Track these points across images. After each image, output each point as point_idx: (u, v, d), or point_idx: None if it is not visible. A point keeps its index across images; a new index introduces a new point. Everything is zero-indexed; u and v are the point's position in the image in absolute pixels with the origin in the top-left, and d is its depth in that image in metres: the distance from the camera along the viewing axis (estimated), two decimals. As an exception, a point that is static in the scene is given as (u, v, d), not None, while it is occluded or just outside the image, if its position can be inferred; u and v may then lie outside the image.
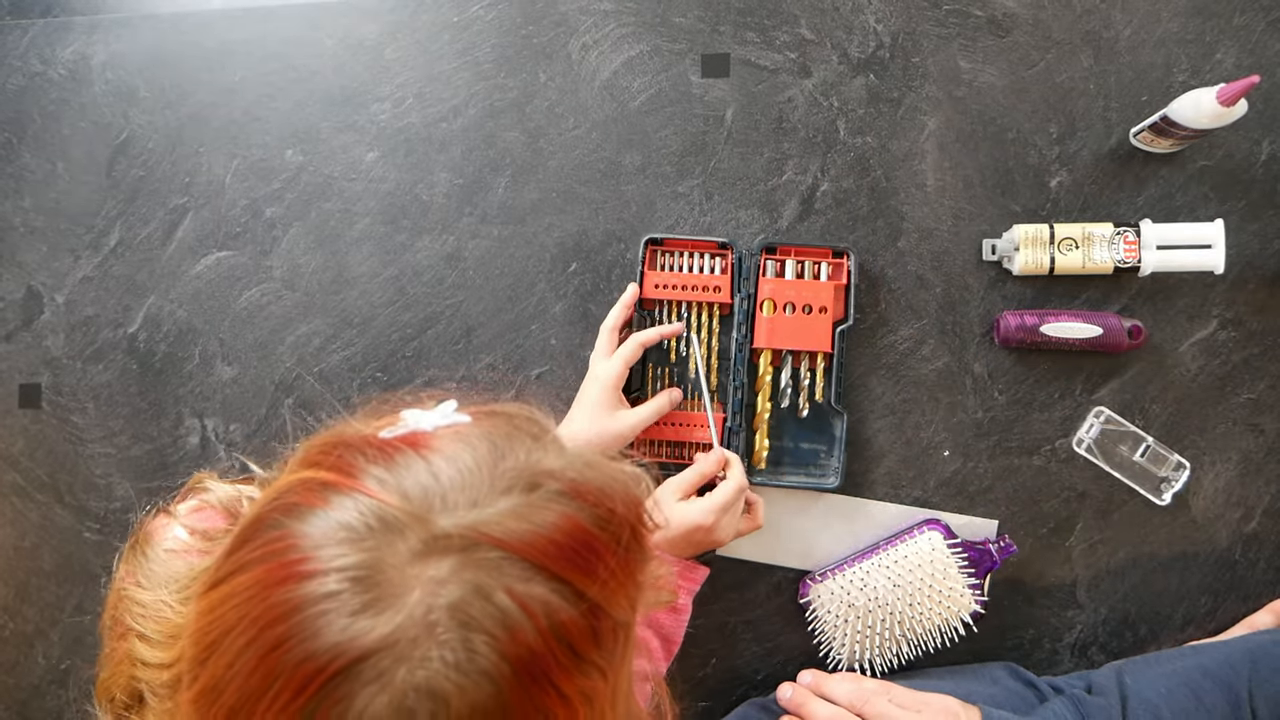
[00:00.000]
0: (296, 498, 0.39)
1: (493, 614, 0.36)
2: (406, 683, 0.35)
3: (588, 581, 0.39)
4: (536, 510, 0.39)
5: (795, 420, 0.82)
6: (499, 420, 0.44)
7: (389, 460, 0.40)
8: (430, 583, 0.36)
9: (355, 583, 0.36)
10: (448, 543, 0.37)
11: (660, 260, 0.83)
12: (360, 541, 0.37)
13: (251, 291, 0.89)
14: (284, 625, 0.35)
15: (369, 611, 0.35)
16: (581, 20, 0.86)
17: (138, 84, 0.91)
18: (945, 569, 0.77)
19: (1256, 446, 0.80)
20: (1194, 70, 0.81)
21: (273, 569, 0.37)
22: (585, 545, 0.40)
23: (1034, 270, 0.79)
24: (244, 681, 0.36)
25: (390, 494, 0.38)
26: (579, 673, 0.38)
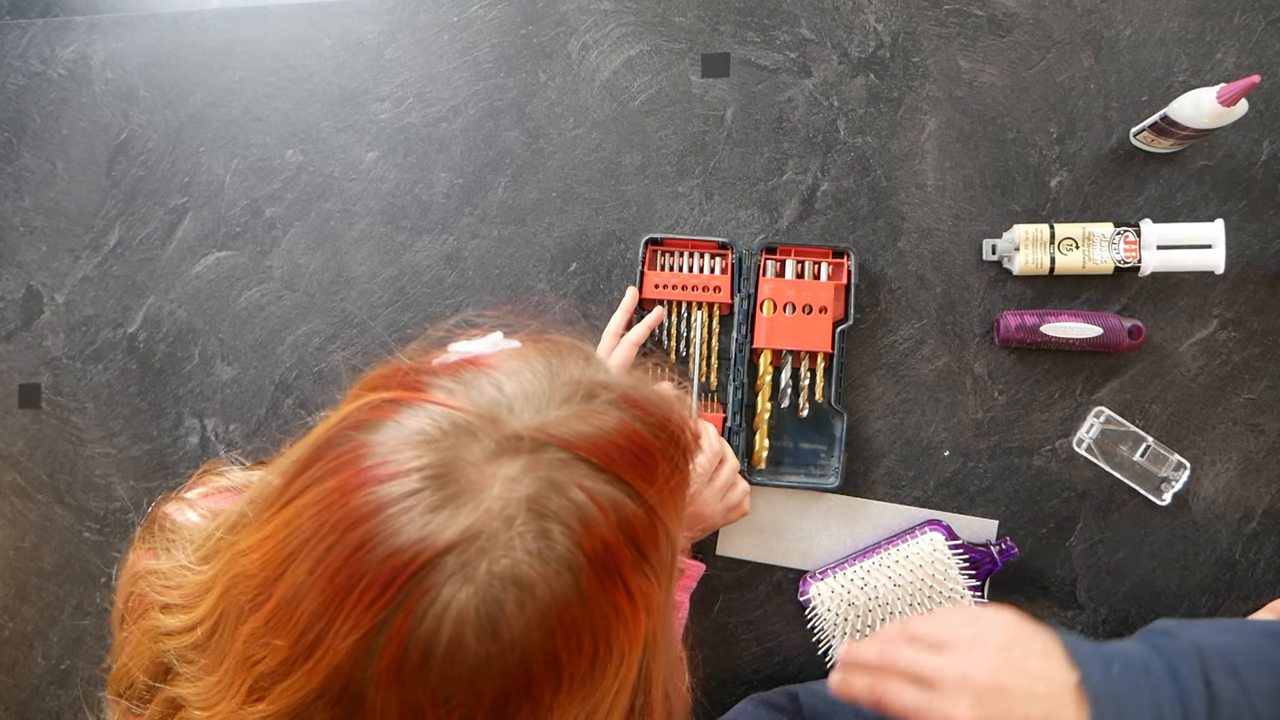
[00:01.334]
0: (365, 415, 0.40)
1: (567, 507, 0.38)
2: (491, 572, 0.36)
3: (646, 485, 0.41)
4: (597, 416, 0.41)
5: (795, 420, 0.82)
6: (548, 343, 0.46)
7: (454, 376, 0.42)
8: (506, 479, 0.37)
9: (433, 480, 0.37)
10: (519, 443, 0.39)
11: (660, 260, 0.83)
12: (435, 444, 0.38)
13: (251, 291, 0.89)
14: (366, 525, 0.36)
15: (449, 507, 0.36)
16: (581, 20, 0.86)
17: (137, 84, 0.91)
18: (946, 570, 0.77)
19: (1257, 446, 0.79)
20: (1194, 70, 0.80)
21: (349, 476, 0.38)
22: (643, 450, 0.41)
23: (1034, 270, 0.79)
24: (327, 585, 0.36)
25: (460, 400, 0.40)
26: (642, 573, 0.40)
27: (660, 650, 0.43)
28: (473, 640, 0.36)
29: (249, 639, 0.39)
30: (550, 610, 0.36)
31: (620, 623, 0.39)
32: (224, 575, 0.42)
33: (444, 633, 0.35)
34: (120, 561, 0.56)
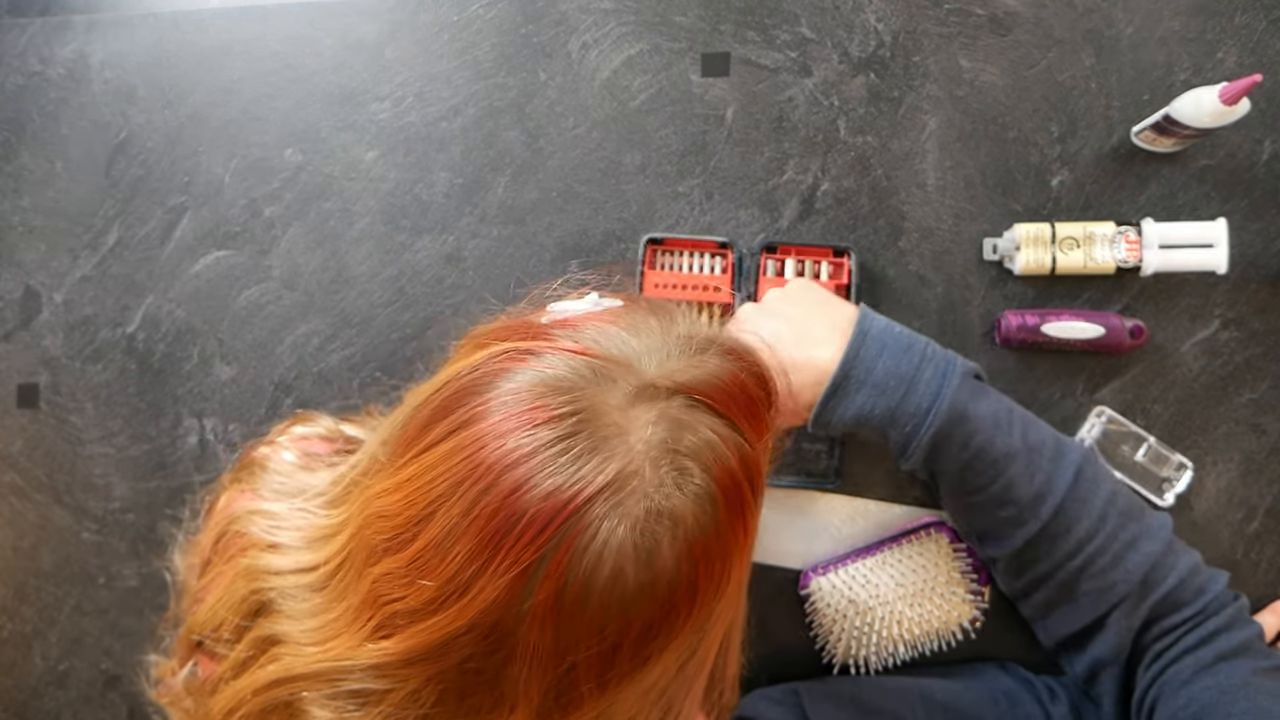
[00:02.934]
0: (499, 365, 0.42)
1: (700, 445, 0.41)
2: (642, 507, 0.38)
3: (754, 432, 0.44)
4: (712, 365, 0.44)
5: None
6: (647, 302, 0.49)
7: (576, 329, 0.44)
8: (645, 423, 0.40)
9: (582, 424, 0.39)
10: (654, 391, 0.41)
11: (660, 260, 0.83)
12: (579, 390, 0.40)
13: (250, 291, 0.89)
14: (523, 467, 0.38)
15: (601, 451, 0.39)
16: (581, 19, 0.86)
17: (136, 83, 0.91)
18: (949, 573, 0.76)
19: (1259, 447, 0.79)
20: (1196, 69, 0.80)
21: (498, 420, 0.40)
22: (750, 398, 0.45)
23: (1035, 270, 0.78)
24: (484, 525, 0.38)
25: (596, 350, 0.42)
26: (754, 510, 0.44)
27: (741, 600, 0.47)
28: (631, 571, 0.38)
29: (382, 579, 0.41)
30: (696, 540, 0.40)
31: (739, 552, 0.43)
32: (356, 516, 0.44)
33: (604, 566, 0.38)
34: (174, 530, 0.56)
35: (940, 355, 0.67)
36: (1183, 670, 0.63)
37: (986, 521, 0.69)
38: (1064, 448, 0.67)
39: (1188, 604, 0.65)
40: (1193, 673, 0.63)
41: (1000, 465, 0.65)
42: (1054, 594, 0.68)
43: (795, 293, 0.72)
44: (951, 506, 0.72)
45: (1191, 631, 0.65)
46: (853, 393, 0.66)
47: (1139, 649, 0.66)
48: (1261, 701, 0.60)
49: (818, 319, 0.68)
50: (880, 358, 0.65)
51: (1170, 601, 0.65)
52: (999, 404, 0.67)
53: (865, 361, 0.65)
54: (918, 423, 0.65)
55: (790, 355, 0.66)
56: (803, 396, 0.67)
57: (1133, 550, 0.65)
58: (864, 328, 0.66)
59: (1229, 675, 0.62)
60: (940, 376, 0.65)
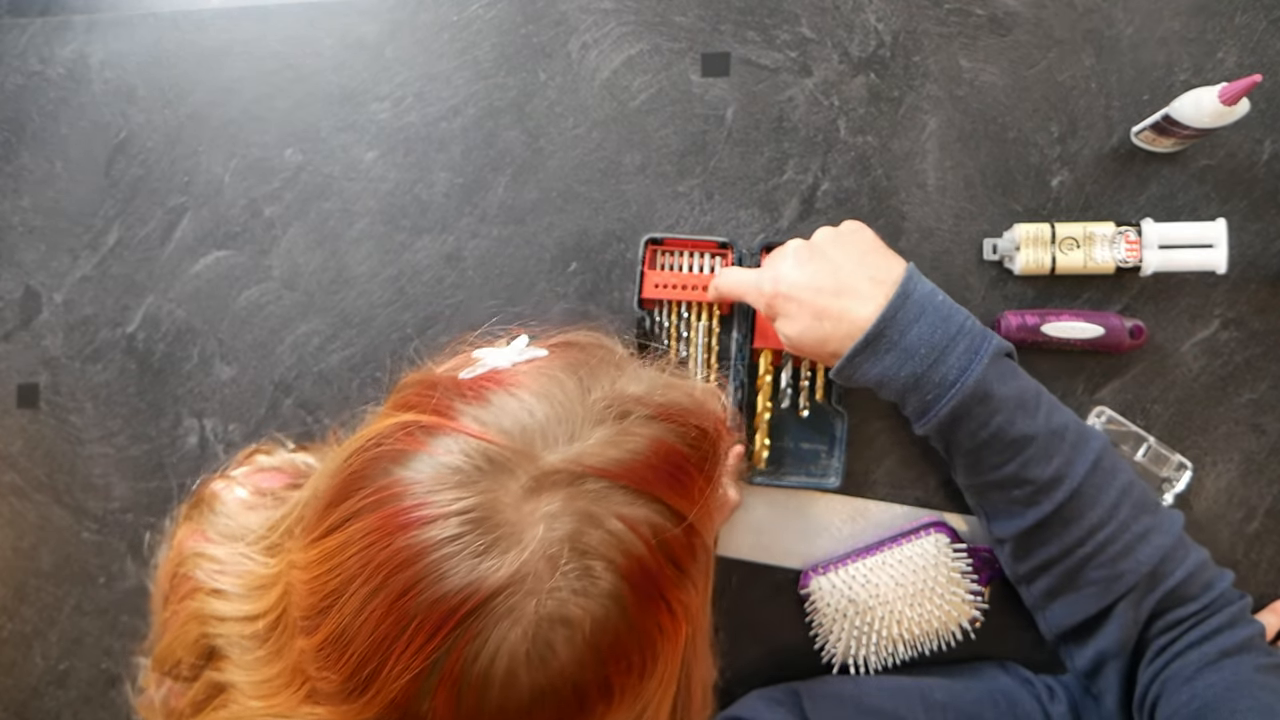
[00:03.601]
0: (399, 444, 0.40)
1: (607, 539, 0.38)
2: (538, 614, 0.37)
3: (684, 501, 0.41)
4: (631, 437, 0.41)
5: (795, 420, 0.82)
6: (576, 351, 0.46)
7: (482, 399, 0.42)
8: (546, 517, 0.38)
9: (475, 524, 0.37)
10: (556, 478, 0.39)
11: (660, 260, 0.83)
12: (473, 484, 0.38)
13: (251, 291, 0.89)
14: (410, 570, 0.37)
15: (494, 551, 0.37)
16: (581, 19, 0.86)
17: (136, 83, 0.91)
18: (949, 573, 0.76)
19: (1259, 447, 0.79)
20: (1196, 69, 0.80)
21: (389, 515, 0.38)
22: (678, 467, 0.42)
23: (1035, 270, 0.78)
24: (375, 627, 0.37)
25: (492, 432, 0.40)
26: (681, 586, 0.41)
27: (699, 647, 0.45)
28: (525, 677, 0.37)
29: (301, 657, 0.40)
30: (599, 641, 0.38)
31: (664, 637, 0.40)
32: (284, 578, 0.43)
33: (496, 672, 0.36)
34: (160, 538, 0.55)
35: (977, 331, 0.66)
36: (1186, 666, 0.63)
37: (998, 500, 0.69)
38: (1086, 434, 0.67)
39: (1194, 599, 0.65)
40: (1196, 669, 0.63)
41: (1019, 446, 0.65)
42: (1059, 581, 0.68)
43: (847, 235, 0.69)
44: (964, 480, 0.71)
45: (1195, 627, 0.65)
46: (881, 353, 0.65)
47: (1142, 643, 0.66)
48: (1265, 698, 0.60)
49: (863, 270, 0.66)
50: (916, 323, 0.64)
51: (1177, 595, 0.65)
52: (1026, 386, 0.67)
53: (900, 324, 0.64)
54: (939, 394, 0.64)
55: (826, 304, 0.65)
56: (829, 345, 0.66)
57: (1144, 542, 0.65)
58: (907, 289, 0.64)
59: (1233, 671, 0.62)
60: (972, 352, 0.64)
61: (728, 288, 0.74)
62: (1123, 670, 0.67)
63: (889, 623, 0.77)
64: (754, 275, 0.72)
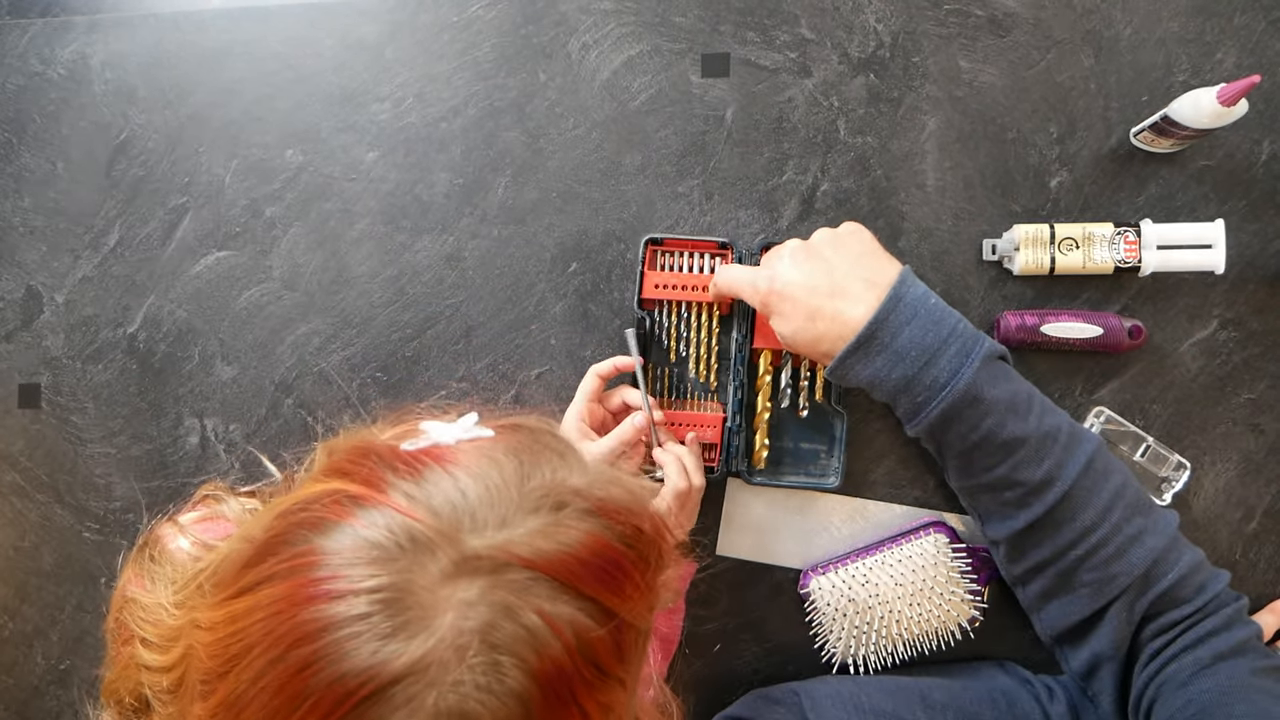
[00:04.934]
0: (323, 511, 0.39)
1: (522, 636, 0.36)
2: (437, 706, 0.35)
3: (615, 599, 0.39)
4: (565, 530, 0.39)
5: (795, 420, 0.82)
6: (522, 435, 0.44)
7: (416, 474, 0.40)
8: (461, 605, 0.36)
9: (385, 605, 0.35)
10: (478, 564, 0.37)
11: (660, 260, 0.83)
12: (391, 562, 0.36)
13: (251, 291, 0.89)
14: (312, 646, 0.35)
15: (400, 635, 0.35)
16: (581, 20, 0.86)
17: (137, 84, 0.91)
18: (948, 572, 0.77)
19: (1257, 446, 0.79)
20: (1194, 70, 0.80)
21: (299, 585, 0.37)
22: (613, 564, 0.40)
23: (1034, 270, 0.79)
24: (269, 700, 0.36)
25: (419, 510, 0.38)
26: (602, 688, 0.38)
27: None
28: None
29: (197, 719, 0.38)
30: None
31: None
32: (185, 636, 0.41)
33: None
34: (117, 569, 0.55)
35: (969, 334, 0.66)
36: (1181, 670, 0.63)
37: (990, 502, 0.69)
38: (1078, 436, 0.67)
39: (1188, 601, 0.65)
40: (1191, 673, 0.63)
41: (1009, 448, 0.65)
42: (1053, 583, 0.68)
43: (844, 237, 0.70)
44: (956, 482, 0.72)
45: (1189, 630, 0.65)
46: (873, 355, 0.65)
47: (1137, 646, 0.66)
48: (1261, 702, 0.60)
49: (858, 271, 0.67)
50: (908, 326, 0.64)
51: (1170, 597, 0.65)
52: (1018, 389, 0.67)
53: (891, 327, 0.65)
54: (929, 396, 0.65)
55: (820, 304, 0.66)
56: (822, 345, 0.67)
57: (1137, 544, 0.65)
58: (899, 293, 0.65)
59: (1229, 675, 0.62)
60: (963, 355, 0.64)
61: (725, 284, 0.75)
62: (1117, 672, 0.67)
63: (888, 622, 0.77)
64: (751, 273, 0.72)
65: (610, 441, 0.75)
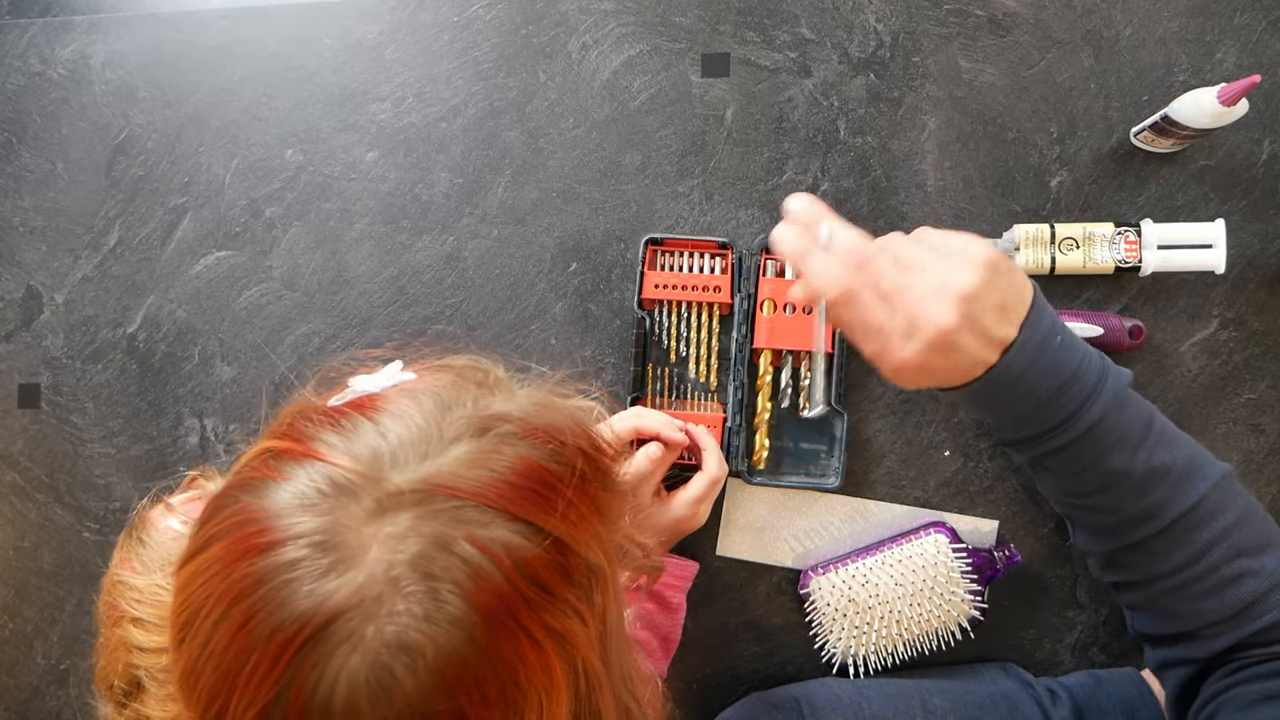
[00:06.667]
0: (251, 472, 0.40)
1: (455, 563, 0.36)
2: (377, 639, 0.35)
3: (546, 516, 0.39)
4: (487, 455, 0.39)
5: (795, 420, 0.82)
6: (444, 373, 0.45)
7: (337, 425, 0.41)
8: (389, 539, 0.36)
9: (315, 547, 0.36)
10: (401, 499, 0.37)
11: (660, 260, 0.83)
12: (315, 507, 0.37)
13: (251, 291, 0.89)
14: (250, 599, 0.36)
15: (332, 574, 0.36)
16: (581, 20, 0.86)
17: (137, 84, 0.91)
18: (949, 573, 0.76)
19: (1257, 446, 0.79)
20: (1195, 70, 0.80)
21: (233, 543, 0.37)
22: (540, 481, 0.40)
23: (1034, 270, 0.79)
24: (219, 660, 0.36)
25: (340, 457, 0.39)
26: (551, 611, 0.39)
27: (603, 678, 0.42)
28: (367, 706, 0.35)
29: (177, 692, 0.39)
30: (445, 670, 0.36)
31: (528, 668, 0.38)
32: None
33: (337, 703, 0.35)
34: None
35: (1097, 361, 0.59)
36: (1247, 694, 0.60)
37: (1083, 518, 0.65)
38: (1193, 475, 0.60)
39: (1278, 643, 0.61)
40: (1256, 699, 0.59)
41: (1112, 480, 0.60)
42: (1140, 598, 0.65)
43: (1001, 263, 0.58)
44: (1051, 495, 0.67)
45: (1269, 662, 0.61)
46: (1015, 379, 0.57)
47: (1216, 661, 0.63)
48: None
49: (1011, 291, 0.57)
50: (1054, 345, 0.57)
51: (1261, 637, 0.61)
52: (1135, 420, 0.60)
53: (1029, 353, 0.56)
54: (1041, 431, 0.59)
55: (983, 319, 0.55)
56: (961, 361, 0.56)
57: (1235, 585, 0.60)
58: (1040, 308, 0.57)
59: None
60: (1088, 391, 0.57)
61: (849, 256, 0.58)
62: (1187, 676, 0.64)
63: (888, 623, 0.77)
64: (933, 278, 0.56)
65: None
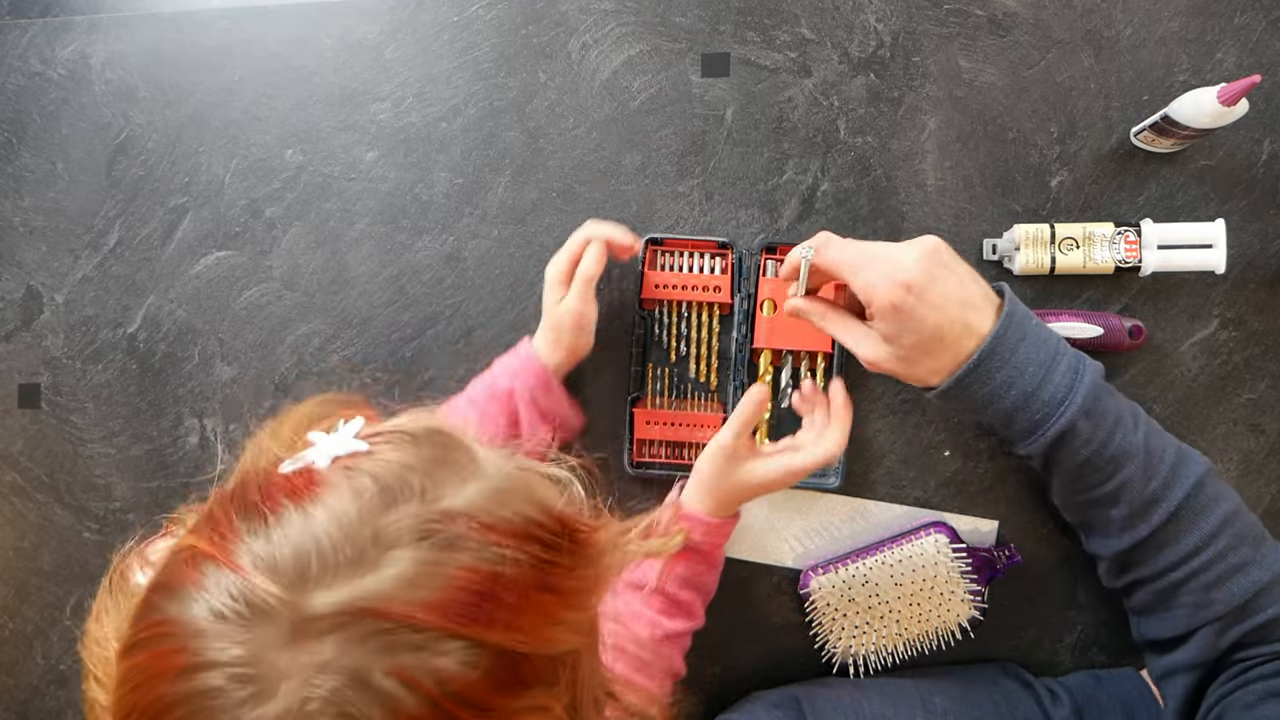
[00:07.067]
0: (173, 572, 0.38)
1: (371, 699, 0.35)
2: None
3: (488, 631, 0.37)
4: (426, 569, 0.37)
5: (796, 420, 0.82)
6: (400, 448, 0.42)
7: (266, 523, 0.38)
8: (306, 669, 0.35)
9: (232, 679, 0.35)
10: (320, 624, 0.35)
11: (660, 260, 0.83)
12: (234, 633, 0.36)
13: (251, 291, 0.89)
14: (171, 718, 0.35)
15: (248, 705, 0.34)
16: (581, 20, 0.86)
17: (137, 84, 0.91)
18: (949, 573, 0.76)
19: (1257, 447, 0.79)
20: (1195, 70, 0.80)
21: (155, 657, 0.36)
22: (485, 594, 0.37)
23: (1035, 270, 0.79)
24: None
25: (259, 575, 0.36)
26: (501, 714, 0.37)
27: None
28: None
29: None
30: None
31: None
32: None
33: None
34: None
35: (1071, 350, 0.65)
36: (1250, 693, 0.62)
37: (1096, 518, 0.67)
38: (1187, 458, 0.65)
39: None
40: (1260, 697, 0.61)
41: (1118, 463, 0.64)
42: (1152, 599, 0.67)
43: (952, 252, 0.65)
44: (1062, 498, 0.70)
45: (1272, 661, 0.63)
46: (993, 371, 0.63)
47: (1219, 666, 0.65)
48: None
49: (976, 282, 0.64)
50: (1023, 341, 0.63)
51: (1263, 632, 0.63)
52: (1124, 404, 0.66)
53: (1010, 342, 0.63)
54: (1048, 413, 0.63)
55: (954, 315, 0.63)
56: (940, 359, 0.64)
57: (1240, 574, 0.63)
58: (1012, 308, 0.63)
59: None
60: (1073, 371, 0.63)
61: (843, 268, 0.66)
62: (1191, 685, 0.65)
63: (888, 622, 0.77)
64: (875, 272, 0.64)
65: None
